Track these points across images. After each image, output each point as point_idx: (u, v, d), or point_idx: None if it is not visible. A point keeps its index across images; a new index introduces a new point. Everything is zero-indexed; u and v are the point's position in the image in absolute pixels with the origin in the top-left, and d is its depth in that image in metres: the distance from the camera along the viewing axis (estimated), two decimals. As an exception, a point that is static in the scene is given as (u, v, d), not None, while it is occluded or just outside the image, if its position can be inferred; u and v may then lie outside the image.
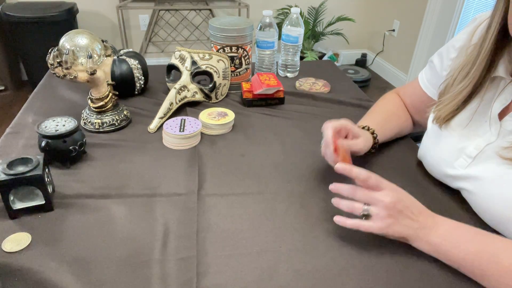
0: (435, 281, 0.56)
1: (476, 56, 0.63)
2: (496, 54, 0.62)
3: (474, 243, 0.55)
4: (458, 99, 0.67)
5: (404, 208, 0.58)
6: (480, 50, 0.62)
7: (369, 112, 0.88)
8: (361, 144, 0.73)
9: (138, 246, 0.59)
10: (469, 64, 0.65)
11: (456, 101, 0.67)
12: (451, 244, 0.56)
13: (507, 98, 0.63)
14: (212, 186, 0.74)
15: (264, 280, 0.55)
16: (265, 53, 1.16)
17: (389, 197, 0.57)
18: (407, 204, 0.58)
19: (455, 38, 0.74)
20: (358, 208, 0.59)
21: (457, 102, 0.67)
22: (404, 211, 0.58)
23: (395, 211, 0.57)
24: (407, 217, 0.58)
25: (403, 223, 0.58)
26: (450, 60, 0.73)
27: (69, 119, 0.77)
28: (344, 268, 0.57)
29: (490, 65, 0.63)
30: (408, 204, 0.58)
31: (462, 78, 0.66)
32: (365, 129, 0.79)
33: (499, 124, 0.63)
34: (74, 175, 0.74)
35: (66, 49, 0.79)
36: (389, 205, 0.57)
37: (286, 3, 3.08)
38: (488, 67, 0.63)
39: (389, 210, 0.57)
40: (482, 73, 0.63)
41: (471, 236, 0.57)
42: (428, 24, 2.69)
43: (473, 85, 0.64)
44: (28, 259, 0.56)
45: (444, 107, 0.69)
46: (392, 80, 3.17)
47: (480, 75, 0.63)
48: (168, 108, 0.94)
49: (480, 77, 0.64)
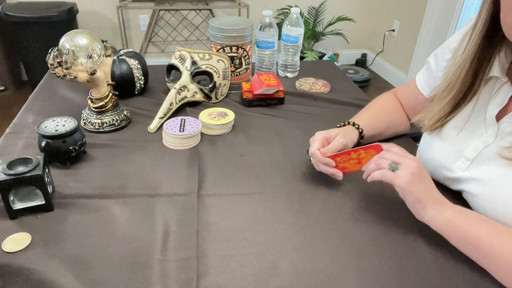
0: (435, 281, 0.56)
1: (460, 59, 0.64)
2: (487, 55, 0.62)
3: (490, 222, 0.56)
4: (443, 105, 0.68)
5: (427, 177, 0.60)
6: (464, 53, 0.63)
7: (361, 110, 0.89)
8: (338, 142, 0.73)
9: (138, 246, 0.60)
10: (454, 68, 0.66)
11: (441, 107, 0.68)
12: (466, 219, 0.57)
13: (503, 99, 0.63)
14: (212, 186, 0.74)
15: (264, 280, 0.55)
16: (265, 53, 1.16)
17: (416, 162, 0.60)
18: (429, 178, 0.61)
19: (450, 39, 0.74)
20: (386, 162, 0.62)
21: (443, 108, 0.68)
22: (426, 179, 0.60)
23: (419, 175, 0.59)
24: (428, 184, 0.60)
25: (425, 186, 0.59)
26: (445, 61, 0.73)
27: (69, 119, 0.77)
28: (344, 268, 0.57)
29: (482, 66, 0.63)
30: (429, 178, 0.61)
31: (447, 84, 0.67)
32: (350, 124, 0.81)
33: (496, 126, 0.63)
34: (74, 175, 0.74)
35: (66, 49, 0.79)
36: (415, 168, 0.59)
37: (286, 3, 3.08)
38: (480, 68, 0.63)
39: (415, 171, 0.59)
40: (468, 74, 0.64)
41: (486, 218, 0.57)
42: (428, 24, 2.69)
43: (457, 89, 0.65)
44: (28, 259, 0.56)
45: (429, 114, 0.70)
46: (392, 80, 3.17)
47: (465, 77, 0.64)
48: (168, 108, 0.94)
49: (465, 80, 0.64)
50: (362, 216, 0.67)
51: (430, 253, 0.60)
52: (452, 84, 0.66)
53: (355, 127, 0.80)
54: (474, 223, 0.56)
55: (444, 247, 0.61)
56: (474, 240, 0.55)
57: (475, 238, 0.55)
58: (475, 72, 0.64)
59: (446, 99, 0.68)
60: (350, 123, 0.81)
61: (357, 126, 0.80)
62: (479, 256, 0.56)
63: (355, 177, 0.77)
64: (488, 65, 0.63)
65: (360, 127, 0.80)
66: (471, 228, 0.56)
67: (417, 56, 2.83)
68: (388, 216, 0.68)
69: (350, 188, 0.74)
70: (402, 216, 0.67)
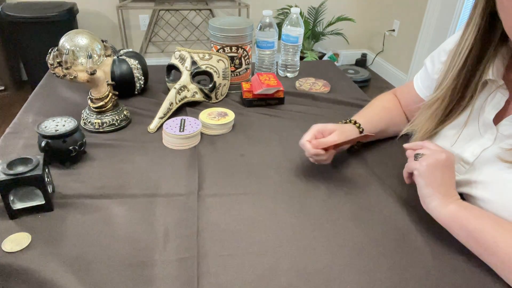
0: (435, 281, 0.56)
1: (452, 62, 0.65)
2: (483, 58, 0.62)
3: (494, 218, 0.56)
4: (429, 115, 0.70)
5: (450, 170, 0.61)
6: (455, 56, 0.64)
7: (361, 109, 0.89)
8: (335, 136, 0.73)
9: (138, 246, 0.59)
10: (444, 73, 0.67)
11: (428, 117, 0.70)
12: (470, 213, 0.57)
13: (500, 102, 0.62)
14: (212, 186, 0.74)
15: (264, 280, 0.55)
16: (265, 53, 1.16)
17: (446, 154, 0.61)
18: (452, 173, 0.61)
19: (447, 41, 0.74)
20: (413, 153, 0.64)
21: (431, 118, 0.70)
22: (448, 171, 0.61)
23: (443, 164, 0.60)
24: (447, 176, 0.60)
25: (443, 176, 0.60)
26: (441, 63, 0.73)
27: (69, 119, 0.77)
28: (344, 268, 0.57)
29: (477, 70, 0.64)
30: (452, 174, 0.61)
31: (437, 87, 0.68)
32: (350, 122, 0.81)
33: (494, 129, 0.63)
34: (74, 175, 0.74)
35: (66, 49, 0.79)
36: (442, 157, 0.60)
37: (286, 3, 3.08)
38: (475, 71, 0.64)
39: (440, 158, 0.60)
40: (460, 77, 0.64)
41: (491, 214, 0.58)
42: (428, 24, 2.69)
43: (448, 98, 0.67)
44: (28, 259, 0.56)
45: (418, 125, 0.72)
46: (392, 80, 3.17)
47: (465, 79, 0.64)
48: (168, 108, 0.94)
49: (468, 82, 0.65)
50: (362, 216, 0.67)
51: (430, 253, 0.60)
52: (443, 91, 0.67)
53: (356, 126, 0.80)
54: (478, 218, 0.57)
55: (445, 247, 0.61)
56: (477, 233, 0.55)
57: (478, 231, 0.56)
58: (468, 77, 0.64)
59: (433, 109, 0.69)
60: (351, 121, 0.82)
61: (358, 124, 0.80)
62: (481, 250, 0.56)
63: (355, 177, 0.77)
64: (483, 69, 0.63)
65: (361, 126, 0.80)
66: (475, 221, 0.56)
67: (417, 56, 2.83)
68: (388, 216, 0.67)
69: (350, 188, 0.74)
70: (402, 216, 0.67)
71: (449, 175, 0.61)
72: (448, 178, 0.61)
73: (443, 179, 0.60)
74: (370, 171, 0.80)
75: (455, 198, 0.60)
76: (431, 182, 0.60)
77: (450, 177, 0.61)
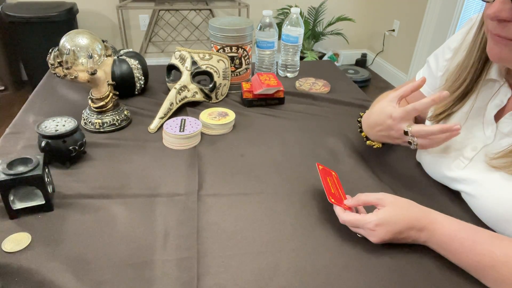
0: (436, 281, 0.56)
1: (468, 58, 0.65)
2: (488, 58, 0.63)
3: (473, 254, 0.54)
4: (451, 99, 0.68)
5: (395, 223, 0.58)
6: (471, 53, 0.64)
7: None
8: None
9: (138, 246, 0.59)
10: (462, 66, 0.66)
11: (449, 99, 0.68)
12: (448, 252, 0.57)
13: (502, 100, 0.63)
14: (212, 186, 0.74)
15: (264, 280, 0.55)
16: (265, 53, 1.16)
17: (374, 218, 0.58)
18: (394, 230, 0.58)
19: (451, 39, 0.75)
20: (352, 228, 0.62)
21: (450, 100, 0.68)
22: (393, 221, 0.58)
23: (382, 226, 0.58)
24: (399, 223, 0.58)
25: (394, 227, 0.58)
26: (446, 61, 0.73)
27: (69, 119, 0.77)
28: (344, 268, 0.57)
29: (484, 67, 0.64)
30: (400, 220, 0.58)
31: (455, 79, 0.67)
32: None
33: (495, 126, 0.64)
34: (74, 175, 0.74)
35: (66, 49, 0.79)
36: (379, 231, 0.58)
37: (286, 3, 3.08)
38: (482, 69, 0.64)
39: (379, 234, 0.58)
40: (474, 76, 0.65)
41: (469, 246, 0.55)
42: (428, 24, 2.69)
43: (465, 87, 0.66)
44: (28, 259, 0.56)
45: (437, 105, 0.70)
46: (392, 80, 3.17)
47: (472, 77, 0.65)
48: (168, 108, 0.94)
49: (472, 80, 0.65)
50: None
51: (430, 253, 0.60)
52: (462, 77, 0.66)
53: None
54: (459, 254, 0.56)
55: (444, 247, 0.61)
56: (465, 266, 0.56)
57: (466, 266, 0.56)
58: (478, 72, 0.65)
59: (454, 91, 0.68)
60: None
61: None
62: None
63: (355, 177, 0.77)
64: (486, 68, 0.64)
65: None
66: (456, 258, 0.56)
67: (417, 56, 2.83)
68: (388, 216, 0.67)
69: (350, 188, 0.74)
70: (402, 216, 0.67)
71: (399, 224, 0.57)
72: (401, 224, 0.57)
73: (399, 231, 0.58)
74: (370, 171, 0.80)
75: (424, 228, 0.58)
76: (393, 238, 0.58)
77: (403, 219, 0.58)
